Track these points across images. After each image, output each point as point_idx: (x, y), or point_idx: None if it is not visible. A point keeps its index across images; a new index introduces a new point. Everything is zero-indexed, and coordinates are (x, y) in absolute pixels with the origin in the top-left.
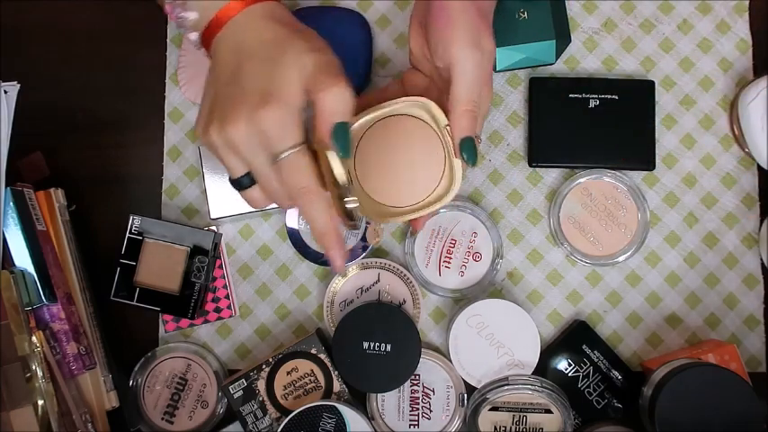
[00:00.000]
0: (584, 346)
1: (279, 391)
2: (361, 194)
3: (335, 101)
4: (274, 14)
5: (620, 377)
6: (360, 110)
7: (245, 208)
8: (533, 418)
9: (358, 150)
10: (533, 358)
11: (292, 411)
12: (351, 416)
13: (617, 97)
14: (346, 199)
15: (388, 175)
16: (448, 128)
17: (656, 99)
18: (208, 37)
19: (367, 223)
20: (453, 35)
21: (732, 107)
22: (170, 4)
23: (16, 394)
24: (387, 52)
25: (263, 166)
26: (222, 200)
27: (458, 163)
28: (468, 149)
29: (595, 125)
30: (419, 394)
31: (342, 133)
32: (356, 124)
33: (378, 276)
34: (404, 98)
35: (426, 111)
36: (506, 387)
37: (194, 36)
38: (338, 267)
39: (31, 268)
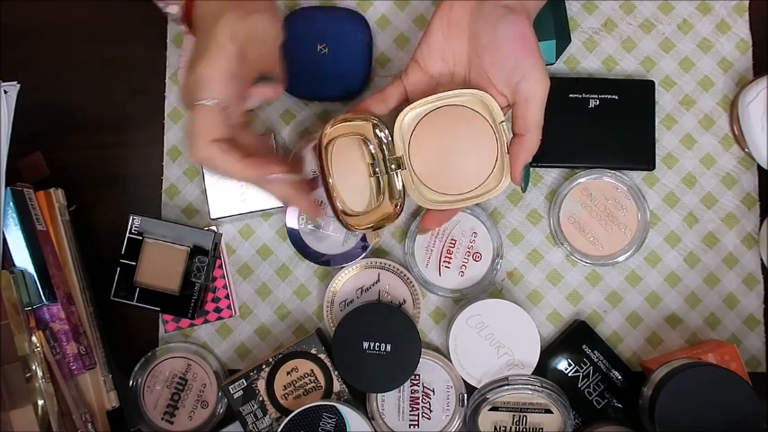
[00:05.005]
0: (584, 346)
1: (279, 391)
2: (413, 179)
3: None
4: None
5: (620, 377)
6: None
7: (245, 208)
8: (533, 418)
9: (413, 136)
10: (533, 358)
11: (292, 411)
12: (351, 416)
13: (617, 97)
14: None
15: (441, 162)
16: (503, 124)
17: (656, 99)
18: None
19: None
20: (535, 64)
21: (732, 107)
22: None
23: (16, 394)
24: (387, 52)
25: None
26: (222, 200)
27: (509, 157)
28: (527, 174)
29: (595, 125)
30: (419, 394)
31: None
32: (413, 112)
33: (378, 276)
34: (462, 90)
35: (482, 105)
36: (506, 387)
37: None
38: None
39: (31, 268)
